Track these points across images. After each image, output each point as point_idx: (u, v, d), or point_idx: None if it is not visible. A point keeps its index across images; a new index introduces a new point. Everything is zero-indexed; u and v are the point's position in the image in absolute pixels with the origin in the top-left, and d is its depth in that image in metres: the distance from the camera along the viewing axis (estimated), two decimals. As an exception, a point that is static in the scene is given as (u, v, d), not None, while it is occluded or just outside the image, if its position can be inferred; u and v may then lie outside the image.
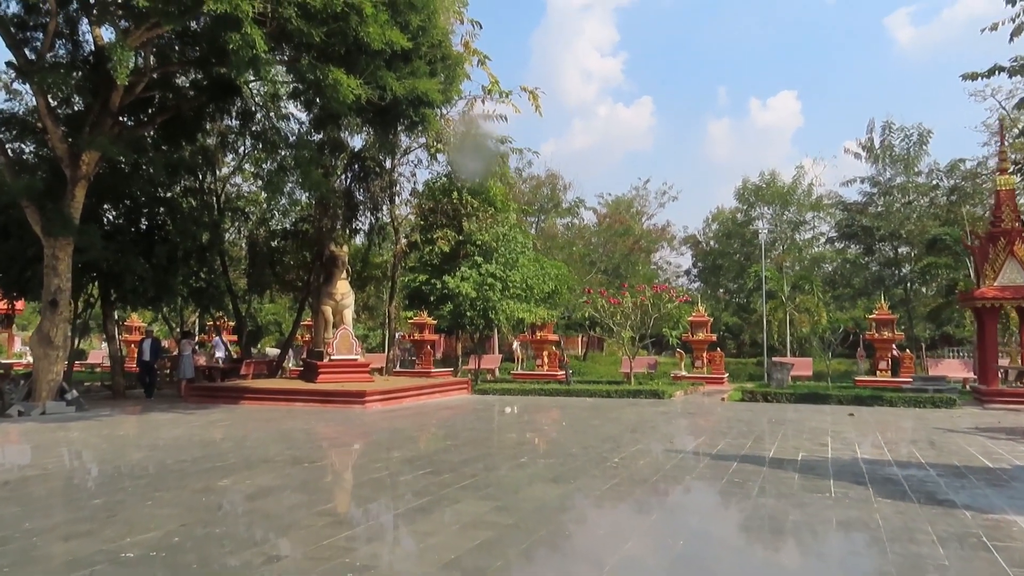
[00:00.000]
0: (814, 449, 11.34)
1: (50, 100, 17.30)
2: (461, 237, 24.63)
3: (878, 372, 24.77)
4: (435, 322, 29.63)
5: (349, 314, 21.87)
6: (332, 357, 20.79)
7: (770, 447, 11.53)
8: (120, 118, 18.03)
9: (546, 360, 29.13)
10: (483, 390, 22.98)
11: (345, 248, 23.17)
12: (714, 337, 29.55)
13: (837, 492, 8.04)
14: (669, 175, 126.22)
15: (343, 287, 21.98)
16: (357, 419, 15.86)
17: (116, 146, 16.59)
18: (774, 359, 27.15)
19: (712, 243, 56.42)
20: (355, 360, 21.12)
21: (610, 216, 50.60)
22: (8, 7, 17.10)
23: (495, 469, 9.56)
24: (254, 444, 11.79)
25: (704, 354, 28.08)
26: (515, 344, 33.98)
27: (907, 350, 27.51)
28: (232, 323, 29.21)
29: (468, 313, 24.17)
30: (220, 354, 25.29)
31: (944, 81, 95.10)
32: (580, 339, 49.68)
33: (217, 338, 26.01)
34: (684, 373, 27.37)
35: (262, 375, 24.60)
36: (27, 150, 20.49)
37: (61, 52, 18.52)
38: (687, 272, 59.47)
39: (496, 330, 34.26)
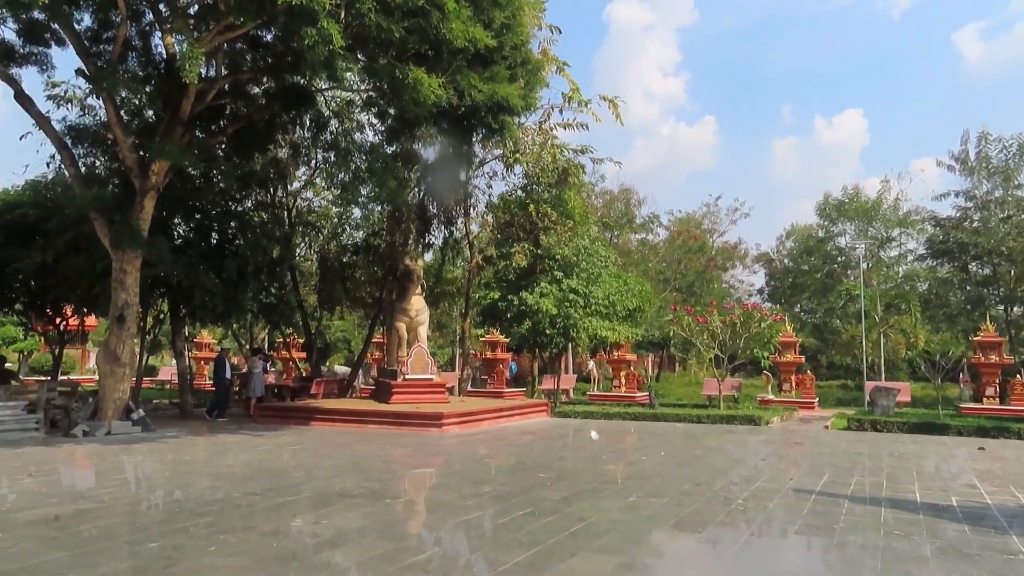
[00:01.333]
0: (966, 492, 9.79)
1: (121, 113, 16.80)
2: (539, 251, 23.39)
3: (985, 399, 22.79)
4: (507, 340, 28.50)
5: (424, 331, 20.81)
6: (406, 376, 19.71)
7: (911, 488, 9.99)
8: (191, 128, 17.43)
9: (624, 381, 27.81)
10: (563, 413, 21.66)
11: (420, 262, 22.20)
12: (803, 359, 27.78)
13: (1033, 553, 6.57)
14: (733, 194, 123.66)
15: (418, 303, 20.96)
16: (435, 444, 14.74)
17: (186, 155, 15.91)
18: (877, 384, 25.19)
19: (786, 261, 54.05)
20: (430, 380, 20.01)
21: (682, 233, 48.83)
22: (82, 20, 16.75)
23: (604, 511, 8.27)
24: (327, 473, 10.73)
25: (792, 377, 26.40)
26: (591, 363, 32.66)
27: (1019, 375, 25.27)
28: (301, 340, 28.54)
29: (548, 331, 22.88)
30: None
31: (1018, 95, 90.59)
32: (651, 358, 47.93)
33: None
34: (772, 396, 25.65)
35: (332, 394, 23.73)
36: (98, 164, 20.16)
37: (132, 64, 18.12)
38: (760, 291, 57.02)
39: (570, 349, 32.99)
